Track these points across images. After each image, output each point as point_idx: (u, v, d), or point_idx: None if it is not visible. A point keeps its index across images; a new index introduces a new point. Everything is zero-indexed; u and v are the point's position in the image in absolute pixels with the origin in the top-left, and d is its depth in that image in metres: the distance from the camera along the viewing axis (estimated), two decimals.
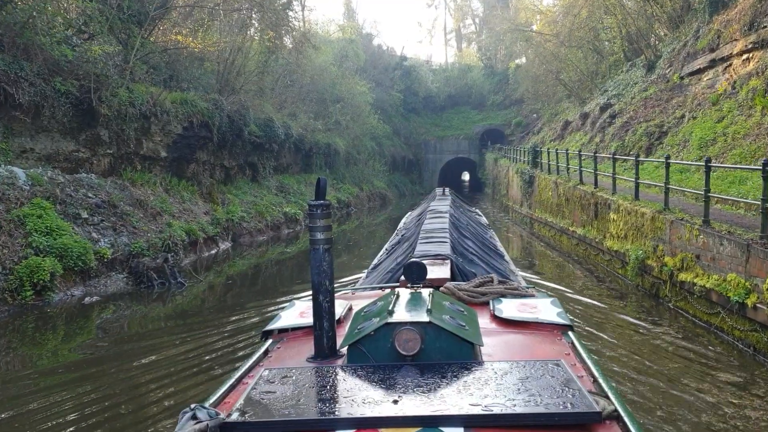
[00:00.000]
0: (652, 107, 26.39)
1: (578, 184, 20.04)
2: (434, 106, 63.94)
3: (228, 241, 22.25)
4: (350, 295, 5.16)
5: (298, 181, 34.39)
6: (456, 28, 75.99)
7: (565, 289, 14.54)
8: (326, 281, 3.40)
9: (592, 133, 30.82)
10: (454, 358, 2.93)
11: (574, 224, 20.16)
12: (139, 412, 7.97)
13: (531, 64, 53.90)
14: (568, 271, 17.38)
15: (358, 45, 52.19)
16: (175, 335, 11.56)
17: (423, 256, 5.96)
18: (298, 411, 2.45)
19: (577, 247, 19.55)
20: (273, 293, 15.42)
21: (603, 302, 13.29)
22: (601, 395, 2.64)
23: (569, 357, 3.28)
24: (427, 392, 2.55)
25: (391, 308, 3.15)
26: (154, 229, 17.57)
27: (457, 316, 3.22)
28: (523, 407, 2.37)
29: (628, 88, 31.61)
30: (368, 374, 2.81)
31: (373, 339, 2.98)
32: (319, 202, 3.51)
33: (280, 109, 35.14)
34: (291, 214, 27.26)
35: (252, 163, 29.37)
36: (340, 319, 3.97)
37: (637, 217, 14.23)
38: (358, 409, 2.42)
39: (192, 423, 2.27)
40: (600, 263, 17.08)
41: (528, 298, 4.40)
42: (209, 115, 23.29)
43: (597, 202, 17.44)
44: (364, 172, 46.66)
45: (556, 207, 22.88)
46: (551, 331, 3.76)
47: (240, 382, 3.10)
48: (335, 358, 3.30)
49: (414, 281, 3.77)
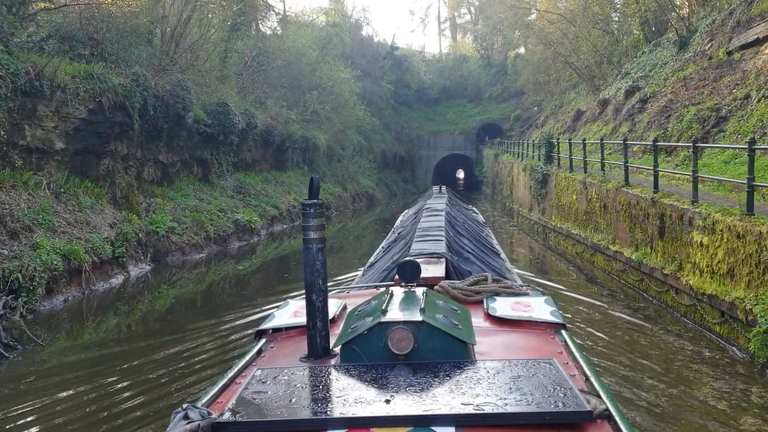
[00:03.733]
0: (696, 88, 20.36)
1: (623, 186, 13.83)
2: (427, 99, 57.62)
3: (146, 263, 15.98)
4: (345, 294, 4.91)
5: (265, 180, 28.08)
6: (450, 17, 69.43)
7: (618, 367, 8.45)
8: (319, 280, 3.26)
9: (615, 122, 24.62)
10: (447, 358, 2.84)
11: (617, 242, 13.96)
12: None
13: (532, 52, 47.81)
14: (614, 319, 11.17)
15: (343, 29, 45.74)
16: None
17: (418, 254, 5.75)
18: (291, 411, 2.39)
19: (624, 276, 13.38)
20: (205, 367, 9.11)
21: (719, 414, 7.05)
22: (593, 394, 2.54)
23: (562, 356, 3.15)
24: (420, 392, 2.48)
25: (384, 307, 3.05)
26: (4, 254, 11.32)
27: (451, 315, 3.14)
28: (515, 406, 2.31)
29: (657, 69, 25.43)
30: (361, 374, 2.73)
31: (366, 338, 2.88)
32: (312, 201, 3.27)
33: (244, 95, 28.81)
34: (243, 223, 20.95)
35: (202, 159, 23.11)
36: (334, 318, 3.77)
37: (760, 245, 8.05)
38: (350, 409, 2.35)
39: (184, 423, 2.21)
40: (671, 307, 10.92)
41: (522, 297, 4.19)
42: (127, 94, 17.01)
43: (664, 214, 11.24)
44: (349, 170, 40.40)
45: (584, 215, 16.68)
46: (544, 330, 3.59)
47: (233, 382, 3.00)
48: (328, 358, 3.19)
49: (408, 280, 3.55)
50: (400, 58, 56.16)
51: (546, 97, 45.57)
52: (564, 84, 42.17)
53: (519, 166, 27.88)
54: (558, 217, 19.77)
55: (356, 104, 40.78)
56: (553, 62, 37.44)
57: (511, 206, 29.96)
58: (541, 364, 2.75)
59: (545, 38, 37.81)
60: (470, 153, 52.79)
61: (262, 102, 29.31)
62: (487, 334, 3.48)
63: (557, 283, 14.23)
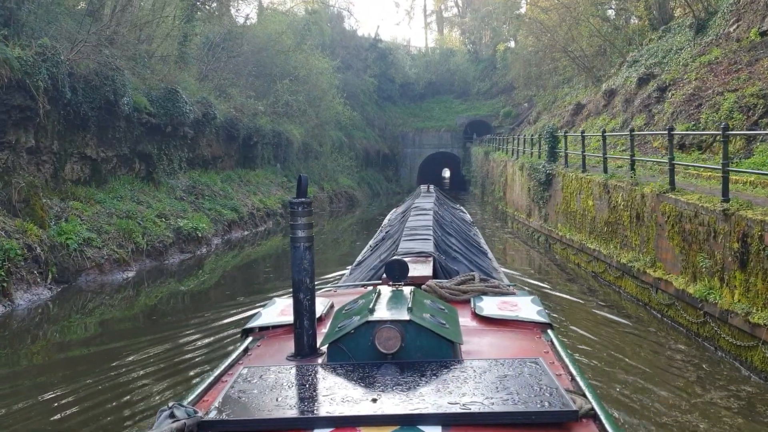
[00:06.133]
0: (727, 74, 16.92)
1: (667, 191, 10.16)
2: (413, 94, 53.86)
3: (45, 287, 12.09)
4: (332, 293, 4.78)
5: (228, 179, 24.21)
6: (437, 10, 65.48)
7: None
8: (307, 279, 3.17)
9: (626, 115, 21.04)
10: (434, 357, 2.78)
11: (659, 266, 10.29)
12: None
13: (523, 45, 44.27)
14: (673, 398, 7.48)
15: (322, 17, 41.80)
16: None
17: (406, 253, 5.58)
18: (277, 409, 2.33)
19: (671, 313, 9.72)
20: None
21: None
22: (579, 393, 2.52)
23: (548, 355, 3.10)
24: (406, 391, 2.43)
25: (371, 306, 2.97)
26: None
27: (438, 315, 3.08)
28: (501, 406, 2.27)
29: (671, 55, 21.92)
30: (348, 373, 2.66)
31: (353, 337, 2.82)
32: (300, 200, 3.18)
33: (203, 81, 24.91)
34: (187, 231, 17.06)
35: (145, 154, 19.21)
36: (322, 317, 3.70)
37: None
38: (336, 408, 2.30)
39: (169, 421, 2.15)
40: (763, 372, 7.28)
41: (509, 296, 4.08)
42: (28, 70, 13.14)
43: (748, 235, 7.57)
44: (328, 168, 36.57)
45: (605, 226, 13.03)
46: (531, 329, 3.52)
47: (219, 381, 2.90)
48: (315, 357, 3.10)
49: (395, 279, 3.48)
50: (384, 51, 52.35)
51: (538, 91, 42.06)
52: (557, 78, 38.70)
53: (514, 165, 24.20)
54: (566, 226, 16.11)
55: (335, 97, 36.88)
56: (549, 52, 33.78)
57: (505, 210, 26.27)
58: (528, 364, 2.69)
59: (539, 27, 34.18)
60: (457, 151, 49.26)
61: (223, 90, 25.36)
62: (474, 333, 3.40)
63: (579, 325, 10.56)
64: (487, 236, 16.68)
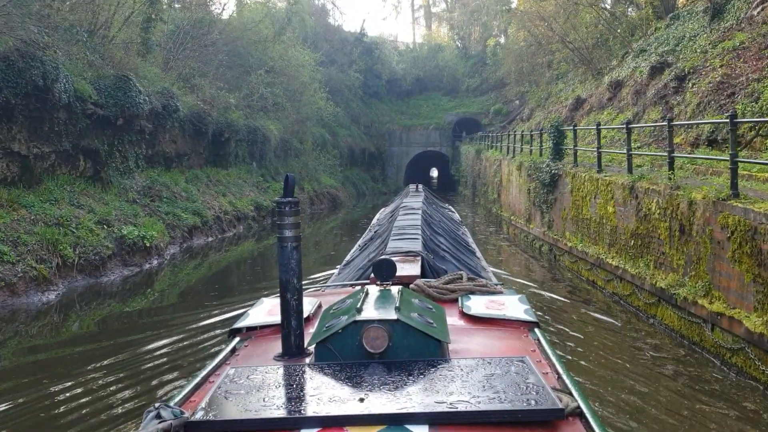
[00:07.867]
0: (759, 59, 14.53)
1: (729, 198, 7.64)
2: (400, 90, 51.25)
3: None
4: (320, 293, 4.73)
5: (193, 178, 21.51)
6: (425, 5, 62.85)
7: None
8: (294, 279, 3.10)
9: (636, 108, 18.57)
10: (421, 356, 2.73)
11: (717, 296, 7.77)
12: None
13: (515, 39, 41.88)
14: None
15: (304, 8, 39.06)
16: None
17: (394, 252, 5.41)
18: (264, 409, 2.27)
19: (738, 361, 7.22)
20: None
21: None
22: (565, 392, 2.46)
23: (535, 354, 3.03)
24: (394, 390, 2.39)
25: (359, 306, 2.93)
26: None
27: (426, 314, 3.03)
28: (488, 404, 2.23)
29: (685, 42, 19.48)
30: (335, 372, 2.61)
31: (340, 337, 2.77)
32: (287, 200, 3.11)
33: (167, 71, 22.18)
34: (133, 240, 14.31)
35: (92, 150, 16.46)
36: (309, 317, 3.62)
37: None
38: (324, 408, 2.25)
39: (156, 422, 2.08)
40: None
41: (496, 295, 4.00)
42: None
43: None
44: (309, 167, 33.88)
45: (632, 239, 10.49)
46: (518, 328, 3.46)
47: (206, 381, 2.85)
48: (303, 357, 3.04)
49: (383, 279, 3.40)
50: (370, 46, 49.69)
51: (531, 87, 39.63)
52: (552, 73, 36.29)
53: (511, 164, 21.66)
54: (576, 235, 13.58)
55: (317, 91, 34.18)
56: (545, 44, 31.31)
57: (500, 213, 23.72)
58: (515, 362, 2.65)
59: (534, 17, 31.68)
60: (446, 149, 46.80)
61: (188, 81, 22.62)
62: (462, 332, 3.35)
63: (617, 369, 8.06)
64: (481, 243, 14.29)
